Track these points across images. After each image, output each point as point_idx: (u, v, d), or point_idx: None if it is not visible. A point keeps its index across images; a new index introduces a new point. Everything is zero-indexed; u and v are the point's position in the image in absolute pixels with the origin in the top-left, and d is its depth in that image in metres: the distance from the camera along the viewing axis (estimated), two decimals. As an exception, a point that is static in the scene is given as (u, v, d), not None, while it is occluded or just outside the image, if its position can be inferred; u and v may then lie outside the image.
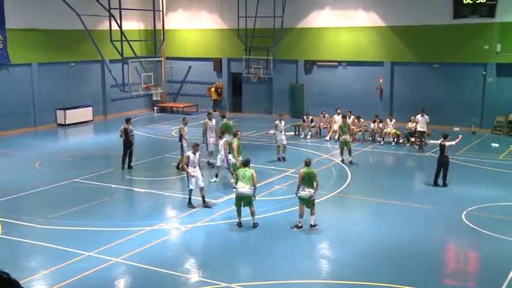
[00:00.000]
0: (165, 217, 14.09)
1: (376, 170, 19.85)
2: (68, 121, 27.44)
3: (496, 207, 14.45)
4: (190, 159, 14.23)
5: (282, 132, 19.82)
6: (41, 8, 26.11)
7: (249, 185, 12.60)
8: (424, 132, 21.78)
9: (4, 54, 24.69)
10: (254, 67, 30.74)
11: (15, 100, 25.65)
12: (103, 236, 12.29)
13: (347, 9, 28.12)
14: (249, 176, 12.66)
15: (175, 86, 33.99)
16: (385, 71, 27.75)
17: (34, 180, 17.05)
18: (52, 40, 26.82)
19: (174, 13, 32.95)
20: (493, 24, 24.84)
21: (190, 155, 14.30)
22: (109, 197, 15.56)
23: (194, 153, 14.30)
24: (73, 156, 21.01)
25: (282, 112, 23.79)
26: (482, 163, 19.44)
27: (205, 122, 18.86)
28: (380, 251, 11.55)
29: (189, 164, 14.20)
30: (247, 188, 12.57)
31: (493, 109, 25.32)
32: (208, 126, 18.62)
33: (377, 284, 9.96)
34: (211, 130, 18.63)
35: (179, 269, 10.62)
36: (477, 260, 11.65)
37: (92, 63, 28.95)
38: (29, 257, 11.30)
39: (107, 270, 10.52)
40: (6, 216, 13.59)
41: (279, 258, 11.12)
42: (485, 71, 25.44)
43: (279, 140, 19.69)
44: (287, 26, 29.22)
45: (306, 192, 12.53)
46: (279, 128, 19.77)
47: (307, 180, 12.53)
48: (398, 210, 14.31)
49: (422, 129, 21.72)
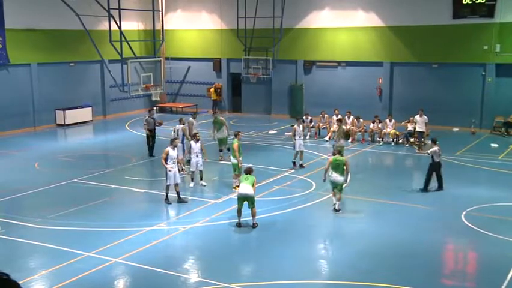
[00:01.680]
0: (164, 217, 14.09)
1: (375, 170, 19.85)
2: (67, 121, 27.43)
3: (495, 207, 14.45)
4: (169, 155, 14.35)
5: (300, 137, 18.68)
6: (40, 8, 26.10)
7: (252, 187, 12.75)
8: (423, 132, 21.79)
9: (3, 54, 24.68)
10: (253, 67, 30.74)
11: (15, 100, 25.63)
12: (102, 236, 12.28)
13: (346, 9, 28.13)
14: (251, 179, 12.86)
15: (174, 87, 33.99)
16: (384, 71, 27.76)
17: (33, 181, 17.04)
18: (51, 40, 26.82)
19: (173, 13, 32.95)
20: (493, 24, 24.86)
21: (170, 150, 14.44)
22: (109, 197, 15.56)
23: (173, 148, 14.54)
24: (72, 156, 21.00)
25: (282, 112, 23.85)
26: (482, 163, 19.45)
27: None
28: (379, 251, 11.55)
29: (168, 159, 14.33)
30: (251, 189, 12.67)
31: (492, 109, 25.33)
32: (194, 126, 18.89)
33: (376, 284, 9.96)
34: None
35: (178, 269, 10.63)
36: (476, 260, 11.66)
37: (91, 64, 28.95)
38: (28, 257, 11.29)
39: (106, 270, 10.52)
40: (5, 216, 13.59)
41: (278, 259, 11.12)
42: (485, 71, 25.46)
43: (298, 146, 18.50)
44: (286, 26, 29.22)
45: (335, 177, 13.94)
46: (298, 132, 18.54)
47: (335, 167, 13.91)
48: (397, 211, 14.31)
49: (421, 129, 21.73)
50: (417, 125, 21.86)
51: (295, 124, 18.93)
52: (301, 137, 18.72)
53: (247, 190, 12.63)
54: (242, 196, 12.72)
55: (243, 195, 12.69)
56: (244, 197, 12.69)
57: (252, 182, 12.82)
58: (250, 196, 12.67)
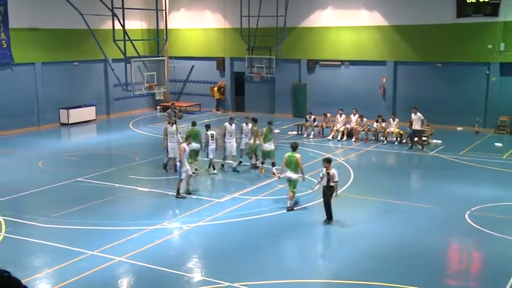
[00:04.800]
0: (168, 216, 14.10)
1: (379, 169, 19.82)
2: (71, 120, 27.49)
3: (499, 207, 14.41)
4: (186, 151, 15.00)
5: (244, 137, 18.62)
6: (44, 8, 26.16)
7: (295, 171, 13.78)
8: (420, 130, 21.72)
9: (8, 53, 24.75)
10: (257, 66, 30.72)
11: (19, 99, 25.70)
12: (106, 235, 12.31)
13: (350, 8, 28.08)
14: (294, 162, 13.77)
15: (177, 86, 34.00)
16: (388, 70, 27.71)
17: (37, 179, 17.09)
18: (55, 39, 26.88)
19: (177, 12, 32.97)
20: (497, 23, 24.77)
21: (185, 147, 15.07)
22: (112, 196, 15.58)
23: (188, 145, 15.32)
24: (76, 155, 21.05)
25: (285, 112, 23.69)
26: (486, 163, 19.39)
27: (223, 126, 18.39)
28: (383, 251, 11.53)
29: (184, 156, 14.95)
30: (294, 173, 13.78)
31: (496, 109, 25.24)
32: (227, 131, 18.03)
33: (379, 284, 9.95)
34: (230, 135, 18.04)
35: (182, 268, 10.64)
36: (480, 260, 11.63)
37: (95, 63, 29.00)
38: (33, 256, 11.33)
39: (110, 269, 10.54)
40: (10, 215, 13.62)
41: (282, 258, 11.12)
42: (489, 70, 25.38)
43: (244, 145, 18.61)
44: (290, 25, 29.20)
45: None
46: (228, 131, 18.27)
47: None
48: (401, 210, 14.28)
49: (417, 127, 21.66)
50: (413, 123, 21.74)
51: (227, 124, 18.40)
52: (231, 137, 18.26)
53: (291, 174, 13.80)
54: (288, 179, 13.93)
55: (288, 178, 13.90)
56: (289, 180, 13.92)
57: (296, 163, 13.72)
58: (294, 180, 13.82)
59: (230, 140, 18.00)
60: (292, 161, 13.84)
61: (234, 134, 18.14)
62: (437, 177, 17.54)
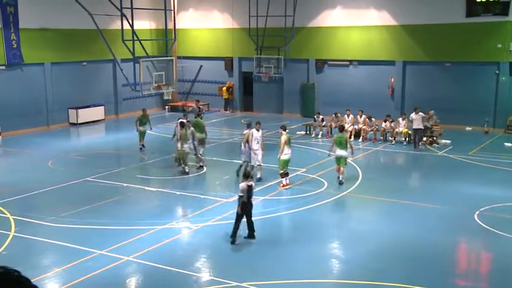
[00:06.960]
0: (176, 216, 14.14)
1: (387, 169, 19.76)
2: (80, 120, 27.63)
3: (509, 207, 14.31)
4: (254, 136, 16.35)
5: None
6: (53, 8, 26.31)
7: (345, 149, 16.00)
8: (420, 129, 21.63)
9: (18, 53, 24.92)
10: (265, 66, 30.72)
11: (29, 99, 25.87)
12: (114, 234, 12.36)
13: (359, 8, 28.01)
14: (344, 142, 16.00)
15: (186, 85, 34.07)
16: (397, 70, 27.60)
17: (47, 179, 17.19)
18: (65, 40, 27.02)
19: (185, 12, 33.03)
20: (507, 22, 24.61)
21: (254, 132, 16.42)
22: (121, 195, 15.65)
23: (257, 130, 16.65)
24: (85, 155, 21.16)
25: (293, 112, 23.64)
26: (495, 163, 19.27)
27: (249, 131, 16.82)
28: (391, 251, 11.50)
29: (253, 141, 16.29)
30: (344, 151, 16.03)
31: (506, 108, 25.07)
32: (254, 137, 16.62)
33: (388, 284, 9.92)
34: (257, 141, 16.64)
35: (190, 267, 10.66)
36: (490, 261, 11.56)
37: (104, 63, 29.12)
38: (42, 255, 11.41)
39: (118, 268, 10.59)
40: (19, 214, 13.72)
41: (290, 258, 11.11)
42: (498, 70, 25.21)
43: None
44: (298, 25, 29.17)
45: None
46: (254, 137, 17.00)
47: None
48: (410, 210, 14.23)
49: (418, 126, 21.57)
50: (414, 122, 21.66)
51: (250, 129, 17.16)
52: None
53: (341, 152, 16.05)
54: (337, 157, 16.12)
55: (338, 155, 16.09)
56: (339, 157, 16.12)
57: (345, 142, 16.02)
58: (344, 157, 16.17)
59: (256, 148, 16.58)
60: (342, 141, 16.09)
61: (260, 140, 16.68)
62: (446, 177, 17.46)
